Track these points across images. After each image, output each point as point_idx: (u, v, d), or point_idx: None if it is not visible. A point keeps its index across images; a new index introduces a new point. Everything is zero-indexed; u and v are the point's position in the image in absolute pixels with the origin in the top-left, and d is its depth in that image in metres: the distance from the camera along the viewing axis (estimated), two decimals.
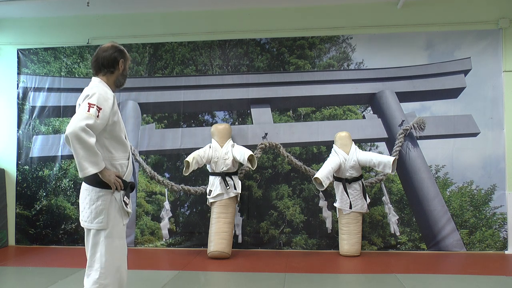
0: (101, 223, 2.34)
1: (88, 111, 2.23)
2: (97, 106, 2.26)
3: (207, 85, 5.59)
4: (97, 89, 2.35)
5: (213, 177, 4.93)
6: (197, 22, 5.61)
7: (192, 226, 5.45)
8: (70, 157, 5.55)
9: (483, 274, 4.13)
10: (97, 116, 2.24)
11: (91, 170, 2.24)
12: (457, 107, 5.26)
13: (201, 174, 5.42)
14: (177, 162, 5.51)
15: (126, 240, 2.54)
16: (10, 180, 5.73)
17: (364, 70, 5.41)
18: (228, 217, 4.87)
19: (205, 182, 5.26)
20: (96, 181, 2.35)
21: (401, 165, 5.22)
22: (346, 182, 4.88)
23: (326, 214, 5.27)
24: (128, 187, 2.47)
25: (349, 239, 4.87)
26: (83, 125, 2.19)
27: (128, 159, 2.51)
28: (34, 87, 5.75)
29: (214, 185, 4.88)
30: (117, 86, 2.53)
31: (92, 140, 2.22)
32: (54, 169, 5.63)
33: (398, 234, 5.20)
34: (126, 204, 2.42)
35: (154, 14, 5.65)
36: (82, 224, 2.43)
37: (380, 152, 5.22)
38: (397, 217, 5.21)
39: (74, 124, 2.21)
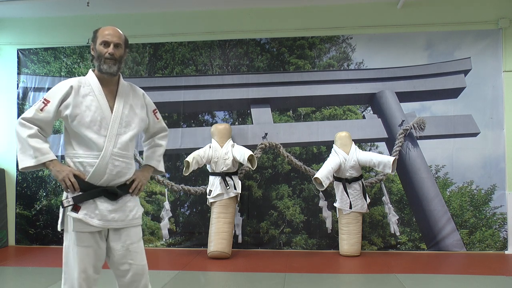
0: (59, 224, 2.25)
1: (36, 104, 2.22)
2: (44, 99, 2.21)
3: (207, 85, 5.58)
4: (62, 82, 2.28)
5: (213, 177, 4.93)
6: (197, 22, 5.61)
7: (192, 226, 5.45)
8: None
9: (483, 274, 4.12)
10: (40, 109, 2.18)
11: (25, 163, 2.15)
12: (457, 107, 5.25)
13: (201, 174, 5.42)
14: (177, 162, 5.51)
15: None
16: (10, 180, 5.73)
17: (364, 70, 5.41)
18: (228, 217, 4.86)
19: (205, 182, 5.26)
20: None
21: (401, 165, 5.22)
22: (346, 182, 4.88)
23: (326, 214, 5.26)
24: (98, 192, 2.21)
25: (349, 239, 4.87)
26: (19, 119, 2.20)
27: (98, 159, 2.21)
28: (34, 87, 5.74)
29: (214, 185, 4.88)
30: (100, 72, 2.30)
31: (26, 132, 2.15)
32: None
33: (398, 234, 5.19)
34: (64, 206, 2.18)
35: (154, 14, 5.65)
36: None
37: (380, 152, 5.22)
38: (397, 217, 5.21)
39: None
